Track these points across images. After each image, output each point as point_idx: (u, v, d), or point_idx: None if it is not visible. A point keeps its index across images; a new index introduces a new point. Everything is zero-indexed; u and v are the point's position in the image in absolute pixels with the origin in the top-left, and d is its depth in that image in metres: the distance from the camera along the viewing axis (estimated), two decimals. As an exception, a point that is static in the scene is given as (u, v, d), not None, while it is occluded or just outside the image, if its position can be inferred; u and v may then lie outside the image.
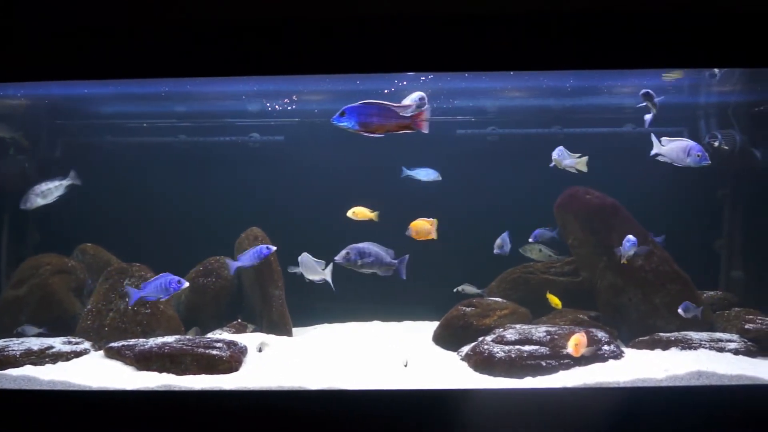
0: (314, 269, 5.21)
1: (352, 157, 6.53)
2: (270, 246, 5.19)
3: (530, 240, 5.93)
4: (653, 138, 4.75)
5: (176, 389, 3.94)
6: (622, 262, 5.09)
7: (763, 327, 4.84)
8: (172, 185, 6.73)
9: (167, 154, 6.95)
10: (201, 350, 4.41)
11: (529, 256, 6.13)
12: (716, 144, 5.88)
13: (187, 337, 4.95)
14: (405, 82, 5.92)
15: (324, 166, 6.63)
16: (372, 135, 3.71)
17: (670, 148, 4.68)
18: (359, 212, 5.20)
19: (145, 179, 6.73)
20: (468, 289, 6.15)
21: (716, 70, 5.92)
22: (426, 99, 4.84)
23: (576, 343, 4.15)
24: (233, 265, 5.21)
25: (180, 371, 4.28)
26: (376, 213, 5.22)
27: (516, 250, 5.91)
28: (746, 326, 4.91)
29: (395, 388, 3.78)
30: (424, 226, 4.87)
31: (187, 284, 4.69)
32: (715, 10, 3.22)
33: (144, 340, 4.73)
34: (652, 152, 4.78)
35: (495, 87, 6.66)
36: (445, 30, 3.34)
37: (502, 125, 6.87)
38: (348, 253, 4.57)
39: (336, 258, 4.64)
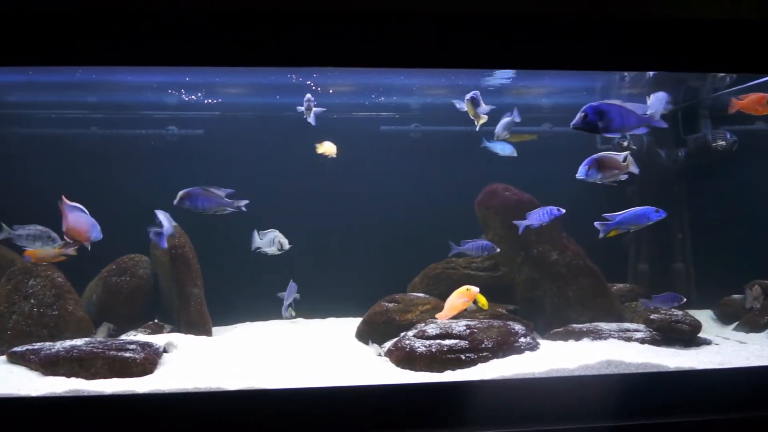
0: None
1: (274, 151, 6.44)
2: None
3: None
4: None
5: (85, 394, 3.75)
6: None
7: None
8: (84, 179, 6.39)
9: (79, 147, 6.61)
10: (113, 353, 4.23)
11: None
12: (625, 144, 6.22)
13: (99, 339, 4.73)
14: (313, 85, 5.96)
15: (244, 161, 6.51)
16: None
17: None
18: None
19: (55, 173, 6.36)
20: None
21: (626, 73, 6.23)
22: (312, 100, 4.94)
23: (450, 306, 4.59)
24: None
25: (90, 375, 4.08)
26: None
27: (438, 247, 5.95)
28: (651, 317, 5.18)
29: (315, 386, 3.75)
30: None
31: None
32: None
33: (51, 343, 4.48)
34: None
35: (419, 84, 6.72)
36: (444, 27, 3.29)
37: (426, 122, 6.96)
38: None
39: None
